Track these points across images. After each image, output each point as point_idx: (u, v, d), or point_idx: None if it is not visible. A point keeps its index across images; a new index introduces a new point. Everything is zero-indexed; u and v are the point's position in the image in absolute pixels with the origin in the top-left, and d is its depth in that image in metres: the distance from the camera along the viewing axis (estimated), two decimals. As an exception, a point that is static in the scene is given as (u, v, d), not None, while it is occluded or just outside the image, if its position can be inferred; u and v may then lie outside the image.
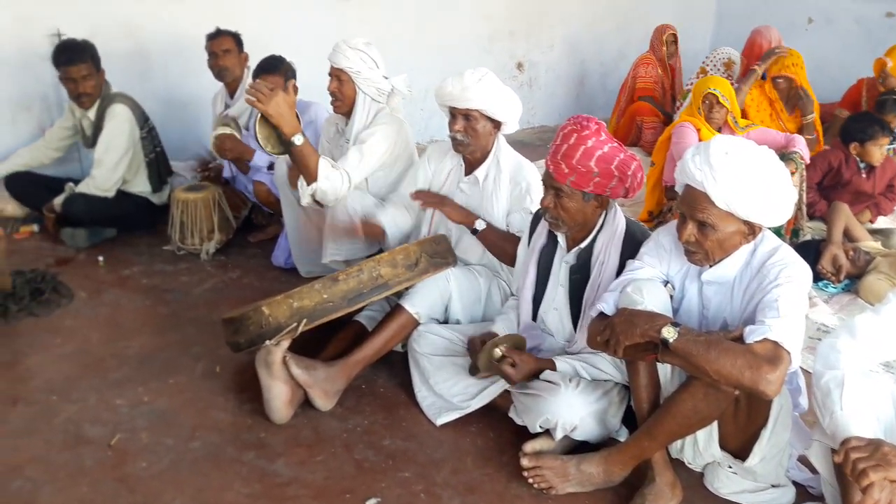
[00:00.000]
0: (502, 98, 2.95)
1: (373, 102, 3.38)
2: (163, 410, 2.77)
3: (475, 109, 2.93)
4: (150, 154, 4.30)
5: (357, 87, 3.34)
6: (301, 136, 2.98)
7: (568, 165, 2.44)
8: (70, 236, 4.15)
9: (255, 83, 2.94)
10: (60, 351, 3.16)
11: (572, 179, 2.45)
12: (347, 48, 3.29)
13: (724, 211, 2.14)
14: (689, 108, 4.44)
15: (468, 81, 2.89)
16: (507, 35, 6.67)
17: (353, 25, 5.61)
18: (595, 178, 2.44)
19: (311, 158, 3.04)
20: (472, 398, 2.73)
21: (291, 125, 2.95)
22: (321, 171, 3.06)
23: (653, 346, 2.15)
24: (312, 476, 2.46)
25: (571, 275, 2.64)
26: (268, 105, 2.87)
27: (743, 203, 2.10)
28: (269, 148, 3.03)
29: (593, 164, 2.42)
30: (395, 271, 2.72)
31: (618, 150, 2.48)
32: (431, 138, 6.33)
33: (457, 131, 2.98)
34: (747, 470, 2.33)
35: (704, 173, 2.12)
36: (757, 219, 2.15)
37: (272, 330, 2.60)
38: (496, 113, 2.95)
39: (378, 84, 3.35)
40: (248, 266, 4.03)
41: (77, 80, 4.00)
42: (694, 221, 2.20)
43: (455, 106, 2.95)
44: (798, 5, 7.35)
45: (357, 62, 3.28)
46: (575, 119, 2.50)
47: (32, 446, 2.56)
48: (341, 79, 3.33)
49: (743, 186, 2.08)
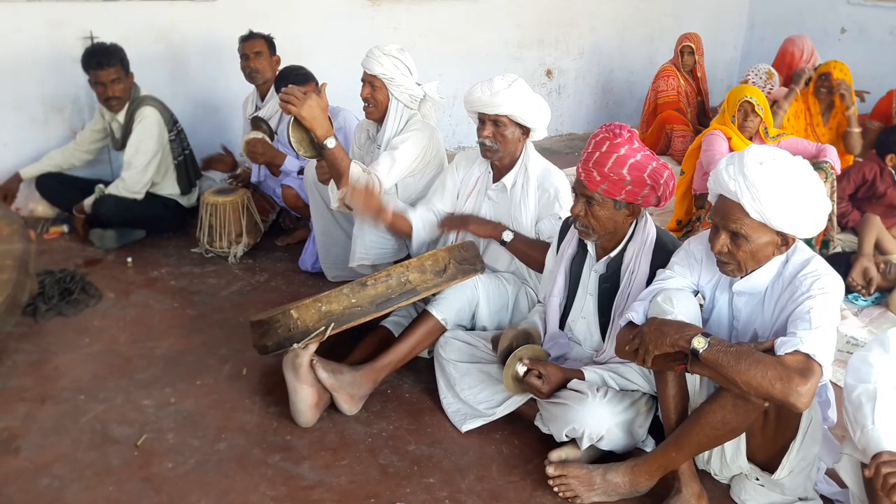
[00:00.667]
0: (531, 104, 2.94)
1: (405, 109, 3.38)
2: (189, 411, 2.79)
3: (504, 115, 2.92)
4: (179, 157, 4.34)
5: (390, 94, 3.34)
6: (334, 139, 2.99)
7: (600, 173, 2.44)
8: (99, 237, 4.20)
9: (289, 87, 2.96)
10: (88, 351, 3.19)
11: (604, 187, 2.44)
12: (381, 55, 3.29)
13: (757, 222, 2.11)
14: (721, 115, 4.38)
15: (498, 87, 2.89)
16: (537, 42, 6.67)
17: (382, 31, 5.64)
18: (627, 186, 2.43)
19: (342, 162, 3.05)
20: (497, 405, 2.72)
21: (324, 128, 2.97)
22: (353, 175, 3.07)
23: (682, 356, 2.14)
24: (337, 480, 2.46)
25: (601, 284, 2.62)
26: (301, 108, 2.89)
27: (777, 214, 2.08)
28: (301, 151, 3.04)
29: (626, 172, 2.41)
30: (423, 277, 2.72)
31: (650, 158, 2.47)
32: (459, 145, 6.34)
33: (485, 137, 2.98)
34: (775, 483, 2.30)
35: (738, 184, 2.10)
36: (790, 230, 2.12)
37: (300, 333, 2.60)
38: (525, 119, 2.94)
39: (411, 91, 3.35)
40: (275, 269, 4.05)
41: (106, 84, 4.05)
42: (727, 232, 2.18)
43: (484, 112, 2.95)
44: (831, 15, 7.27)
45: (391, 69, 3.29)
46: (607, 127, 2.49)
47: (60, 445, 2.59)
48: (374, 85, 3.34)
49: (777, 197, 2.06)
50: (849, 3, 7.18)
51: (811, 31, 6.59)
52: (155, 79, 4.51)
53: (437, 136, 3.47)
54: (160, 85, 4.49)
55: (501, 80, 2.91)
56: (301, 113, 2.89)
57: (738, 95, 4.26)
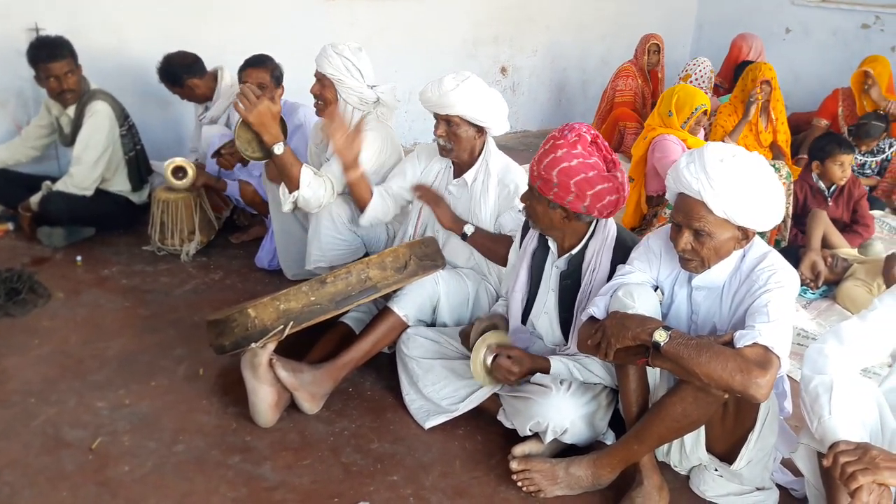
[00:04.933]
0: (484, 103, 2.91)
1: (353, 110, 3.35)
2: (145, 413, 2.73)
3: (455, 115, 2.91)
4: (130, 152, 4.23)
5: (338, 94, 3.30)
6: (282, 145, 2.96)
7: (536, 169, 2.46)
8: (47, 235, 4.08)
9: (244, 87, 2.92)
10: (38, 352, 3.10)
11: (538, 184, 2.46)
12: (334, 54, 3.25)
13: (720, 218, 2.15)
14: (662, 117, 4.30)
15: (447, 87, 2.86)
16: (493, 40, 6.69)
17: (339, 27, 5.59)
18: (555, 188, 2.42)
19: (293, 167, 3.01)
20: (460, 401, 2.72)
21: (272, 135, 2.94)
22: (303, 178, 3.03)
23: (643, 349, 2.16)
24: (300, 480, 2.43)
25: (562, 280, 2.64)
26: (250, 113, 2.87)
27: (739, 210, 2.11)
28: (248, 153, 3.02)
29: (555, 174, 2.41)
30: (384, 273, 2.70)
31: (588, 167, 2.40)
32: (415, 141, 6.32)
33: (439, 136, 2.97)
34: (733, 473, 2.34)
35: (701, 181, 2.13)
36: (752, 224, 2.16)
37: (258, 332, 2.57)
38: (477, 118, 2.92)
39: (361, 93, 3.31)
40: (230, 267, 3.99)
41: (60, 76, 3.92)
42: (690, 230, 2.20)
43: (436, 111, 2.94)
44: (776, 15, 7.45)
45: (340, 70, 3.24)
46: (562, 126, 2.50)
47: (10, 450, 2.50)
48: (323, 83, 3.30)
49: (739, 193, 2.09)
50: (793, 4, 7.37)
51: (757, 30, 6.74)
52: (102, 72, 4.38)
53: (394, 135, 3.45)
54: (108, 79, 4.37)
55: (451, 80, 2.88)
56: (249, 117, 2.87)
57: (693, 101, 4.21)
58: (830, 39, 7.14)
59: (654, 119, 4.37)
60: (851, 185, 4.40)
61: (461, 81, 2.86)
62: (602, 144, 2.50)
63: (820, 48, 7.18)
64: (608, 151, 2.51)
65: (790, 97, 6.27)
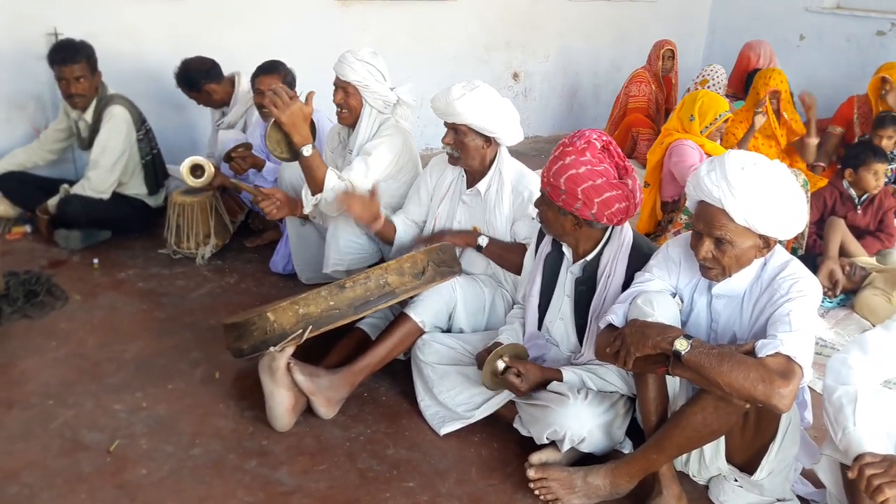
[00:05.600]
0: (492, 113, 2.89)
1: (378, 114, 3.36)
2: (162, 416, 2.73)
3: (462, 124, 2.90)
4: (147, 156, 4.26)
5: (363, 100, 3.31)
6: (311, 147, 2.97)
7: (546, 176, 2.47)
8: (64, 238, 4.10)
9: (277, 88, 2.93)
10: (55, 354, 3.11)
11: (548, 190, 2.46)
12: (355, 60, 3.25)
13: (741, 226, 2.13)
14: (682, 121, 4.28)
15: (454, 95, 2.85)
16: (504, 45, 6.68)
17: (351, 32, 5.61)
18: (563, 195, 2.43)
19: (318, 170, 3.02)
20: (476, 408, 2.71)
21: (303, 136, 2.94)
22: (328, 182, 3.04)
23: (663, 358, 2.15)
24: (316, 485, 2.43)
25: (577, 286, 2.63)
26: (283, 113, 2.87)
27: (761, 218, 2.10)
28: (277, 152, 3.02)
29: (563, 181, 2.41)
30: (402, 279, 2.70)
31: (597, 174, 2.40)
32: (426, 146, 6.32)
33: (447, 144, 2.97)
34: (754, 484, 2.33)
35: (722, 189, 2.11)
36: (773, 232, 2.15)
37: (276, 336, 2.57)
38: (485, 128, 2.90)
39: (385, 97, 3.32)
40: (245, 271, 4.00)
41: (70, 80, 3.96)
42: (711, 238, 2.19)
43: (445, 119, 2.94)
44: (790, 22, 7.41)
45: (365, 75, 3.25)
46: (574, 133, 2.49)
47: (29, 451, 2.51)
48: (348, 91, 3.30)
49: (760, 201, 2.08)
50: (807, 10, 7.34)
51: (770, 37, 6.70)
52: (120, 77, 4.41)
53: (411, 139, 3.46)
54: (126, 83, 4.39)
55: (459, 89, 2.87)
56: (281, 117, 2.87)
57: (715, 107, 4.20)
58: (845, 46, 7.10)
59: (673, 123, 4.35)
60: (882, 196, 4.36)
61: (469, 91, 2.85)
62: (615, 151, 2.50)
63: (834, 55, 7.15)
64: (620, 158, 2.50)
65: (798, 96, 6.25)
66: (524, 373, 2.54)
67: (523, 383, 2.53)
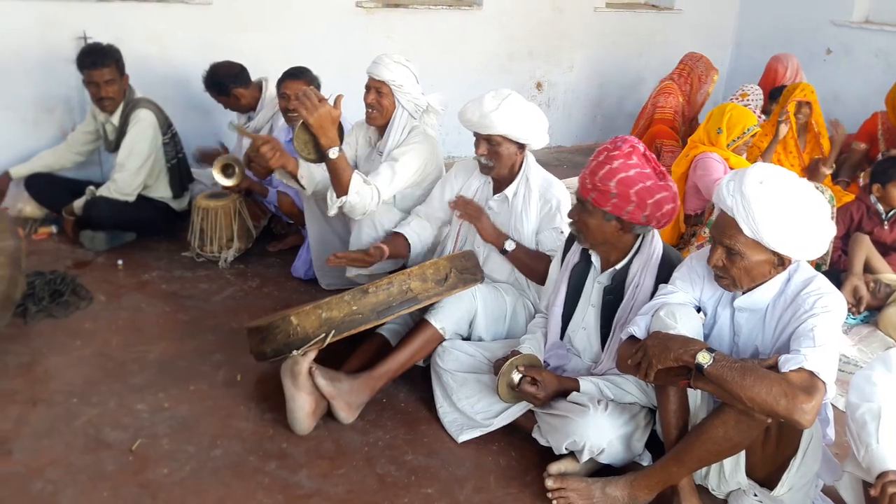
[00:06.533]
0: (525, 120, 2.92)
1: (409, 118, 3.38)
2: (184, 417, 2.76)
3: (497, 135, 2.92)
4: (172, 160, 4.31)
5: (396, 101, 3.34)
6: (337, 150, 2.99)
7: (591, 182, 2.46)
8: (89, 239, 4.15)
9: (306, 90, 2.97)
10: (80, 353, 3.15)
11: (593, 196, 2.46)
12: (391, 62, 3.30)
13: (751, 239, 2.13)
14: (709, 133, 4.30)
15: (487, 107, 2.87)
16: (528, 54, 6.69)
17: (376, 40, 5.64)
18: (613, 199, 2.43)
19: (344, 172, 3.05)
20: (495, 416, 2.71)
21: (330, 138, 2.97)
22: (353, 185, 3.06)
23: (685, 370, 2.15)
24: (335, 489, 2.44)
25: (605, 296, 2.63)
26: (311, 115, 2.90)
27: (771, 234, 2.09)
28: (304, 154, 3.04)
29: (613, 184, 2.42)
30: (424, 285, 2.71)
31: (645, 176, 2.44)
32: (449, 155, 6.34)
33: (481, 154, 2.98)
34: (774, 499, 2.31)
35: (735, 200, 2.12)
36: (786, 251, 2.14)
37: (299, 340, 2.59)
38: (519, 136, 2.93)
39: (417, 100, 3.36)
40: (267, 275, 4.02)
41: (100, 84, 4.01)
42: (723, 247, 2.20)
43: (477, 131, 2.96)
44: (817, 35, 7.36)
45: (400, 76, 3.29)
46: (614, 139, 2.51)
47: (53, 448, 2.55)
48: (381, 91, 3.33)
49: (773, 218, 2.07)
50: (834, 24, 7.28)
51: (797, 51, 6.65)
52: (146, 81, 4.46)
53: (438, 148, 3.48)
54: (152, 87, 4.45)
55: (491, 100, 2.89)
56: (310, 119, 2.90)
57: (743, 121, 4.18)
58: (872, 61, 7.03)
59: (700, 135, 4.33)
60: None
61: (502, 100, 2.87)
62: (650, 157, 2.51)
63: (861, 70, 7.08)
64: (656, 164, 2.52)
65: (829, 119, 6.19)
66: (541, 380, 2.55)
67: (540, 391, 2.53)
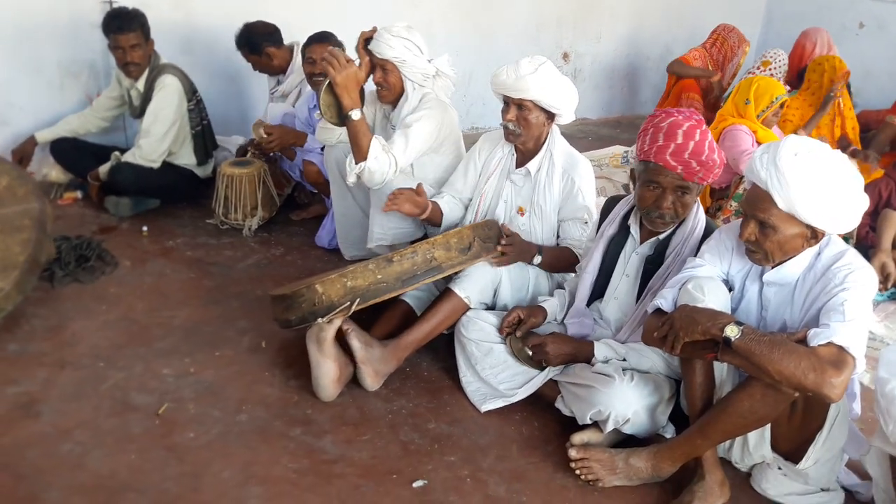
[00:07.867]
0: (558, 89, 2.89)
1: (419, 87, 3.35)
2: (210, 382, 2.78)
3: (529, 100, 2.88)
4: (197, 126, 4.30)
5: (403, 76, 3.29)
6: (359, 111, 2.99)
7: (699, 163, 2.41)
8: (114, 205, 4.18)
9: (333, 50, 2.98)
10: (106, 318, 3.18)
11: (700, 174, 2.44)
12: (391, 37, 3.21)
13: (785, 213, 2.10)
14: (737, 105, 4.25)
15: (524, 70, 2.84)
16: (555, 23, 6.61)
17: (403, 9, 5.58)
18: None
19: (364, 136, 3.04)
20: (518, 387, 2.72)
21: (352, 99, 2.98)
22: (372, 150, 3.05)
23: (712, 344, 2.13)
24: (359, 455, 2.46)
25: (646, 265, 2.62)
26: (338, 74, 2.91)
27: (806, 207, 2.06)
28: (327, 116, 3.05)
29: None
30: (448, 254, 2.71)
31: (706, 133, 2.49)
32: (472, 125, 6.31)
33: (509, 120, 2.95)
34: (798, 472, 2.30)
35: (770, 173, 2.09)
36: (820, 224, 2.10)
37: (324, 308, 2.60)
38: (551, 104, 2.90)
39: (423, 70, 3.30)
40: (290, 244, 4.04)
41: (125, 48, 4.01)
42: (755, 221, 2.17)
43: (509, 95, 2.92)
44: (849, 9, 7.22)
45: (402, 51, 3.22)
46: (679, 114, 2.47)
47: (81, 411, 2.58)
48: (386, 68, 3.27)
49: (808, 191, 2.04)
50: (868, -3, 7.15)
51: (829, 25, 6.51)
52: (171, 46, 4.45)
53: (451, 112, 3.44)
54: (176, 53, 4.44)
55: (528, 64, 2.86)
56: (337, 78, 2.91)
57: (771, 91, 4.14)
58: (906, 35, 6.91)
59: (728, 108, 4.29)
60: None
61: (539, 65, 2.84)
62: None
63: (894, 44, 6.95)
64: None
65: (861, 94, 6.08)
66: (551, 343, 2.63)
67: (553, 348, 2.62)
